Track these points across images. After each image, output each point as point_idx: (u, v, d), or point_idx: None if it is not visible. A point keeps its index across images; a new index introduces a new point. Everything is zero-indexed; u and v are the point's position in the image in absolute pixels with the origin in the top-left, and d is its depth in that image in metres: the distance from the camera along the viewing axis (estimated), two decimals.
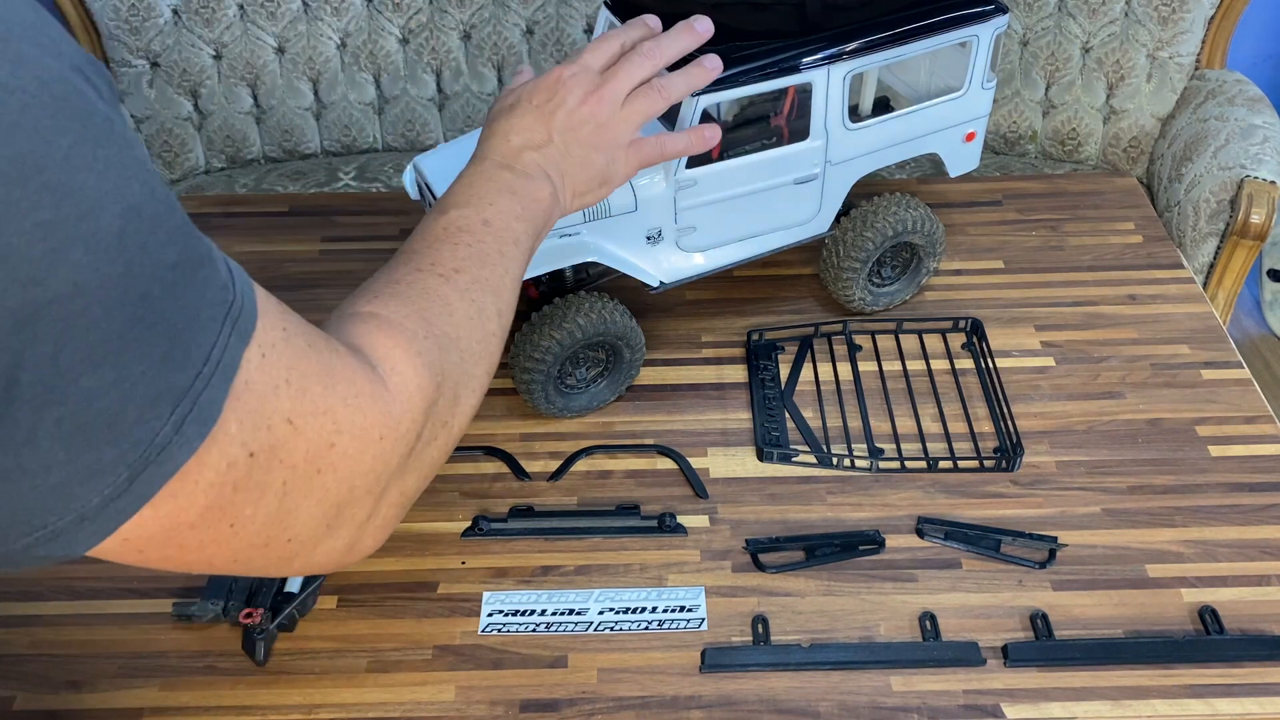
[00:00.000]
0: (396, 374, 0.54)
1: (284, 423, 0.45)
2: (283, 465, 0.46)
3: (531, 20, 1.81)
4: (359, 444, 0.49)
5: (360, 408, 0.49)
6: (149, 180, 0.39)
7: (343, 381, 0.49)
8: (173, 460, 0.40)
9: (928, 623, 0.79)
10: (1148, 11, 1.75)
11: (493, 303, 0.64)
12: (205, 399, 0.41)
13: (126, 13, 1.73)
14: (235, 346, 0.42)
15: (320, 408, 0.47)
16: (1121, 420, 0.95)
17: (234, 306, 0.43)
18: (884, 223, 0.98)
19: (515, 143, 0.73)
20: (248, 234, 1.17)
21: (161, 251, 0.39)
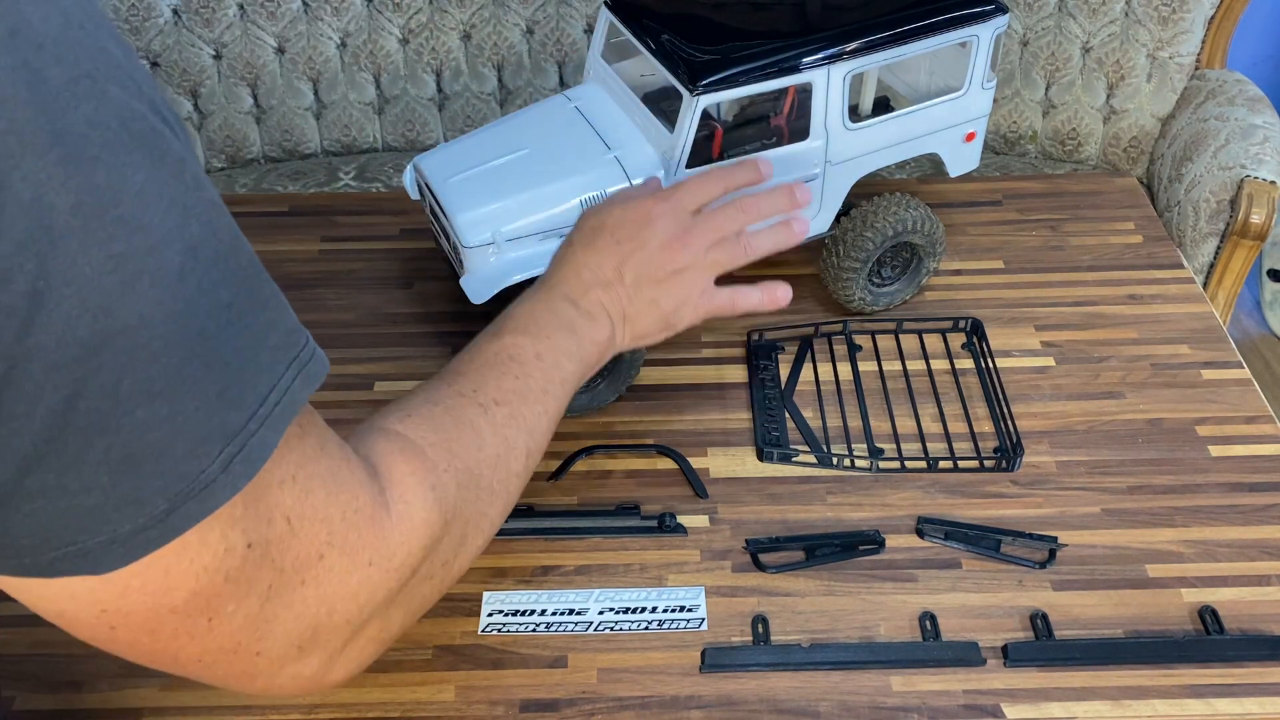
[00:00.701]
0: (404, 503, 0.53)
1: (283, 520, 0.45)
2: (273, 566, 0.45)
3: (531, 20, 1.81)
4: (347, 563, 0.48)
5: (357, 526, 0.49)
6: (214, 221, 0.40)
7: (346, 493, 0.48)
8: (214, 498, 0.40)
9: (928, 623, 0.79)
10: (1148, 11, 1.75)
11: (525, 441, 0.63)
12: (257, 440, 0.41)
13: (126, 13, 1.73)
14: (299, 390, 0.43)
15: (319, 514, 0.46)
16: (1121, 420, 0.95)
17: (303, 351, 0.44)
18: (884, 223, 0.98)
19: (585, 278, 0.73)
20: (248, 234, 1.15)
21: (216, 291, 0.39)
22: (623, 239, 0.74)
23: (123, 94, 0.37)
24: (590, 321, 0.71)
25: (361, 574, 0.49)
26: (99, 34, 0.37)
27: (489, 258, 0.88)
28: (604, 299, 0.73)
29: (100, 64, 0.36)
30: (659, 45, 0.90)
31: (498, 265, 0.88)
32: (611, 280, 0.73)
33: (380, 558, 0.50)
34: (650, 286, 0.74)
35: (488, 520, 0.61)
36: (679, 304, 0.76)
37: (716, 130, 0.90)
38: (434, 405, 0.61)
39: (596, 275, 0.73)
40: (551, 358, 0.68)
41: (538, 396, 0.66)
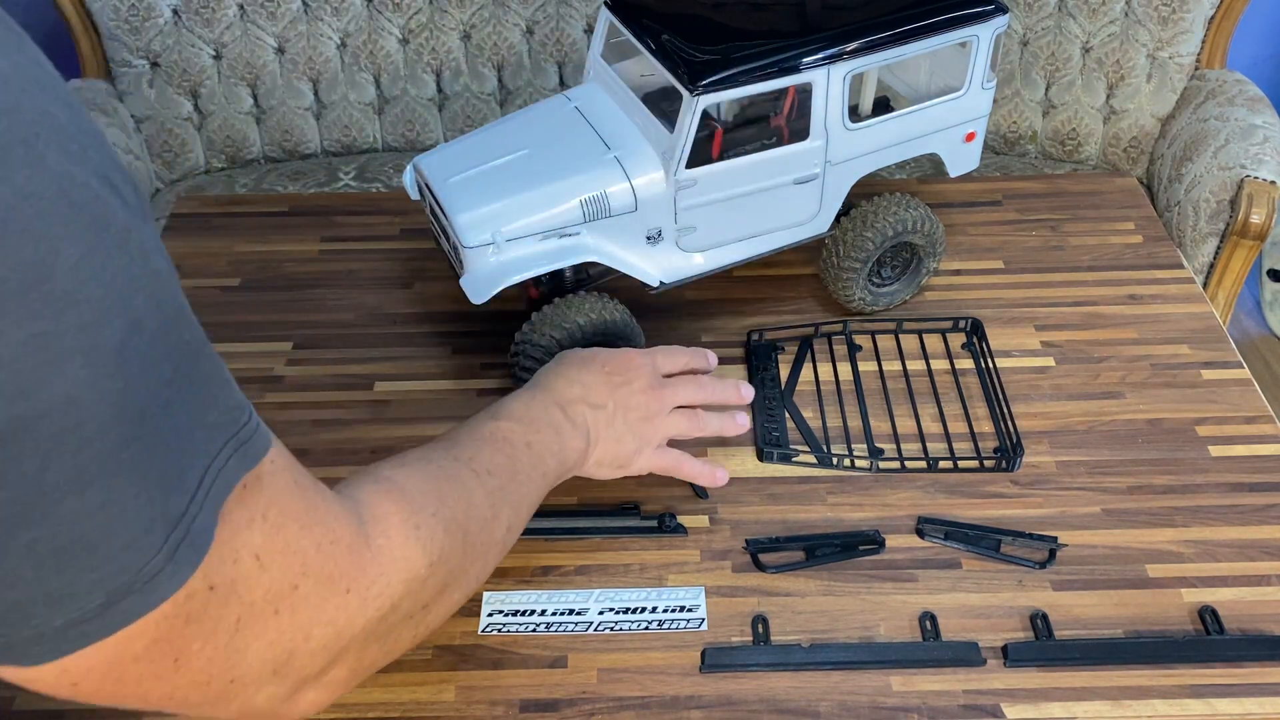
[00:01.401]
0: (385, 537, 0.53)
1: (251, 558, 0.44)
2: (240, 601, 0.44)
3: (531, 20, 1.81)
4: (324, 591, 0.48)
5: (334, 556, 0.48)
6: (159, 293, 0.38)
7: (320, 525, 0.48)
8: (159, 590, 0.39)
9: (928, 623, 0.79)
10: (1148, 11, 1.75)
11: (508, 515, 0.65)
12: (200, 524, 0.39)
13: (126, 13, 1.73)
14: (233, 470, 0.41)
15: (292, 548, 0.46)
16: (1121, 420, 0.95)
17: (244, 429, 0.42)
18: (884, 223, 0.98)
19: (577, 392, 0.76)
20: (248, 234, 1.17)
21: (158, 367, 0.38)
22: (612, 372, 0.79)
23: (63, 160, 0.35)
24: (573, 430, 0.74)
25: (339, 601, 0.49)
26: (41, 96, 0.35)
27: (489, 258, 0.88)
28: (589, 416, 0.76)
29: (40, 129, 0.35)
30: (659, 45, 0.90)
31: (498, 265, 0.88)
32: (597, 404, 0.77)
33: (359, 586, 0.50)
34: (625, 422, 0.78)
35: (468, 577, 0.61)
36: (640, 447, 0.79)
37: (716, 130, 0.90)
38: (427, 463, 0.62)
39: (588, 393, 0.77)
40: (538, 450, 0.70)
41: (524, 479, 0.68)
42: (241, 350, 1.03)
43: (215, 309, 1.08)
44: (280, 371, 1.01)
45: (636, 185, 0.89)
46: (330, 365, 1.02)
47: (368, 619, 0.51)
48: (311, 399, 0.98)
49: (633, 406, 0.78)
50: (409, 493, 0.57)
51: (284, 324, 1.06)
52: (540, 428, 0.72)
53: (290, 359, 1.02)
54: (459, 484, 0.62)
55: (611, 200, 0.89)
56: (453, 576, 0.58)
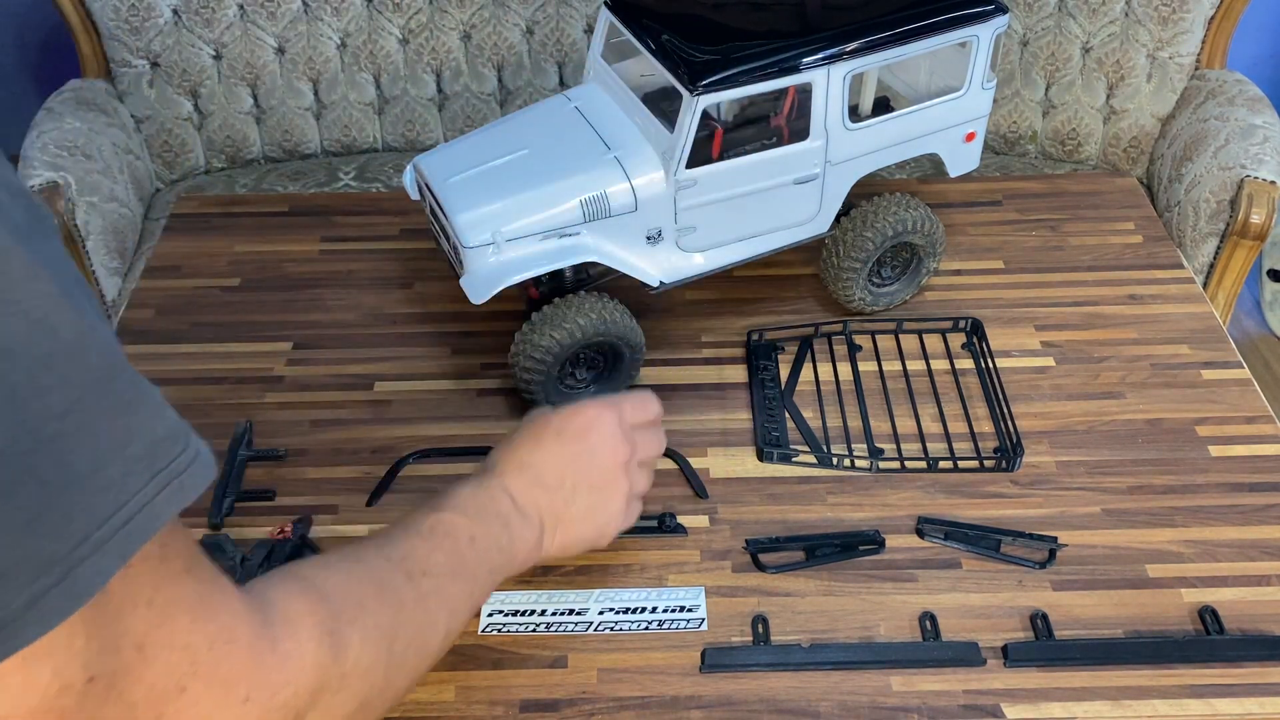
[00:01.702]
0: (293, 640, 0.48)
1: (133, 648, 0.39)
2: (121, 700, 0.39)
3: (531, 20, 1.81)
4: (217, 696, 0.43)
5: (229, 656, 0.43)
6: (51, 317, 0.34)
7: (215, 622, 0.43)
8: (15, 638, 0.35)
9: (928, 623, 0.79)
10: (1148, 11, 1.75)
11: (445, 620, 0.60)
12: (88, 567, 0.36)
13: (126, 13, 1.73)
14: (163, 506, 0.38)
15: (179, 642, 0.41)
16: (1121, 420, 0.95)
17: (176, 461, 0.38)
18: (884, 223, 0.98)
19: (528, 477, 0.70)
20: (248, 234, 1.17)
21: (43, 399, 0.34)
22: (568, 440, 0.72)
23: None
24: (524, 521, 0.68)
25: (236, 710, 0.44)
26: None
27: (489, 258, 0.88)
28: (540, 501, 0.70)
29: None
30: (659, 45, 0.90)
31: (498, 265, 0.88)
32: (552, 486, 0.70)
33: (260, 694, 0.45)
34: (587, 493, 0.72)
35: (392, 689, 0.55)
36: (611, 516, 0.74)
37: (716, 130, 0.90)
38: (356, 563, 0.57)
39: (539, 476, 0.70)
40: (483, 545, 0.65)
41: (465, 579, 0.63)
42: (241, 350, 1.03)
43: (215, 309, 1.08)
44: (280, 371, 1.01)
45: (636, 185, 0.89)
46: (330, 365, 1.02)
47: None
48: (311, 399, 0.98)
49: (595, 473, 0.72)
50: (328, 596, 0.52)
51: (284, 324, 1.06)
52: (486, 519, 0.66)
53: (290, 359, 1.02)
54: (387, 588, 0.56)
55: (611, 200, 0.89)
56: (373, 690, 0.53)
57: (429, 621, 0.58)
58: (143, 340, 1.04)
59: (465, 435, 0.95)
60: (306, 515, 0.87)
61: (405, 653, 0.56)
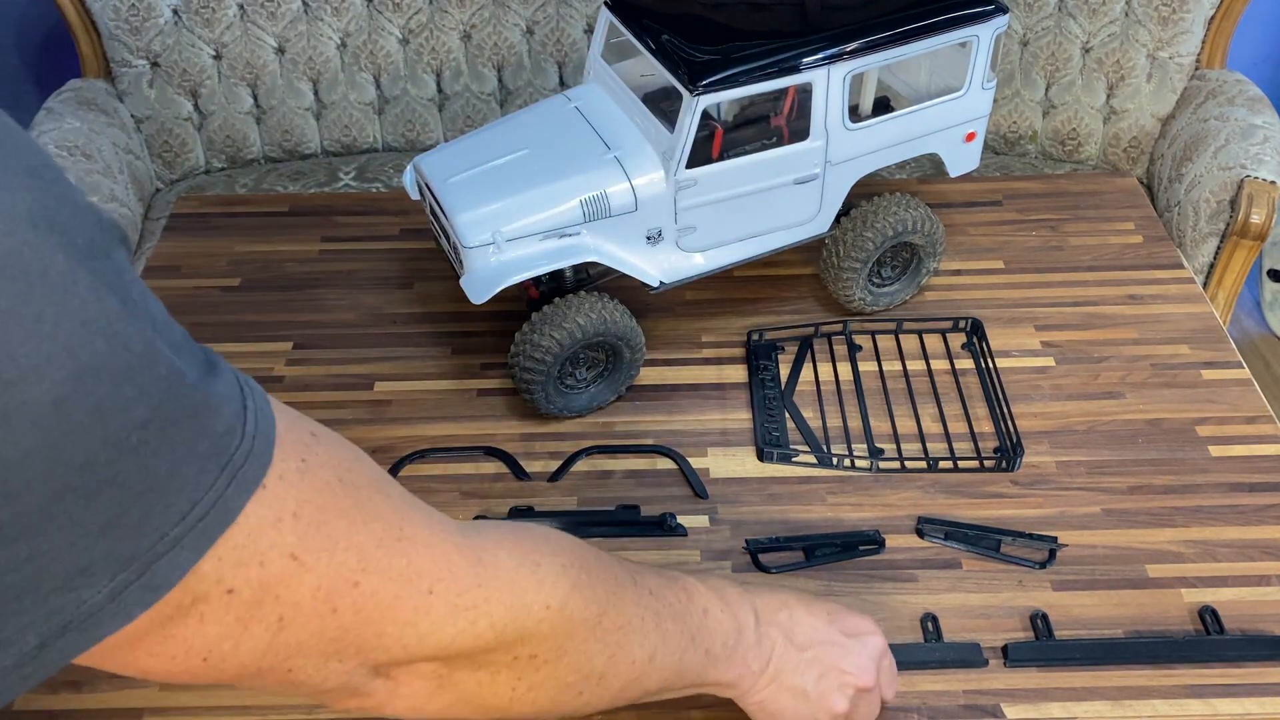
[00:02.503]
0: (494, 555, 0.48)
1: (285, 559, 0.41)
2: (279, 602, 0.41)
3: (531, 20, 1.81)
4: (395, 588, 0.44)
5: (403, 552, 0.44)
6: (123, 332, 0.36)
7: (379, 521, 0.44)
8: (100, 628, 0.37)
9: (929, 624, 0.79)
10: (1148, 11, 1.75)
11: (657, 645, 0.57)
12: (165, 563, 0.38)
13: (126, 13, 1.73)
14: (232, 499, 0.39)
15: (341, 544, 0.43)
16: (1121, 420, 0.95)
17: (237, 453, 0.39)
18: (884, 223, 0.98)
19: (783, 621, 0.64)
20: (248, 234, 1.17)
21: (127, 411, 0.36)
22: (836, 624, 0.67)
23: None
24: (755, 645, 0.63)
25: (418, 601, 0.45)
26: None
27: (489, 258, 0.88)
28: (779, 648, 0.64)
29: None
30: (659, 45, 0.90)
31: (498, 265, 0.88)
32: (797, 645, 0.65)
33: (445, 589, 0.46)
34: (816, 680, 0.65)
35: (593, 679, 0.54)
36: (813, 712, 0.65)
37: (716, 130, 0.90)
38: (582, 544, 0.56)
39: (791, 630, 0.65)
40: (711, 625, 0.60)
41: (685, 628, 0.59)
42: (241, 350, 1.03)
43: (215, 309, 1.08)
44: (280, 371, 1.01)
45: (636, 185, 0.89)
46: (330, 365, 1.02)
47: (458, 630, 0.47)
48: (311, 399, 0.98)
49: (833, 674, 0.65)
50: (539, 539, 0.52)
51: (284, 324, 1.06)
52: (728, 610, 0.61)
53: (290, 359, 1.02)
54: (610, 572, 0.55)
55: (611, 200, 0.89)
56: (575, 648, 0.52)
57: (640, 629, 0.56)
58: None
59: (465, 435, 0.95)
60: None
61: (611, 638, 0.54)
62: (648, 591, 0.57)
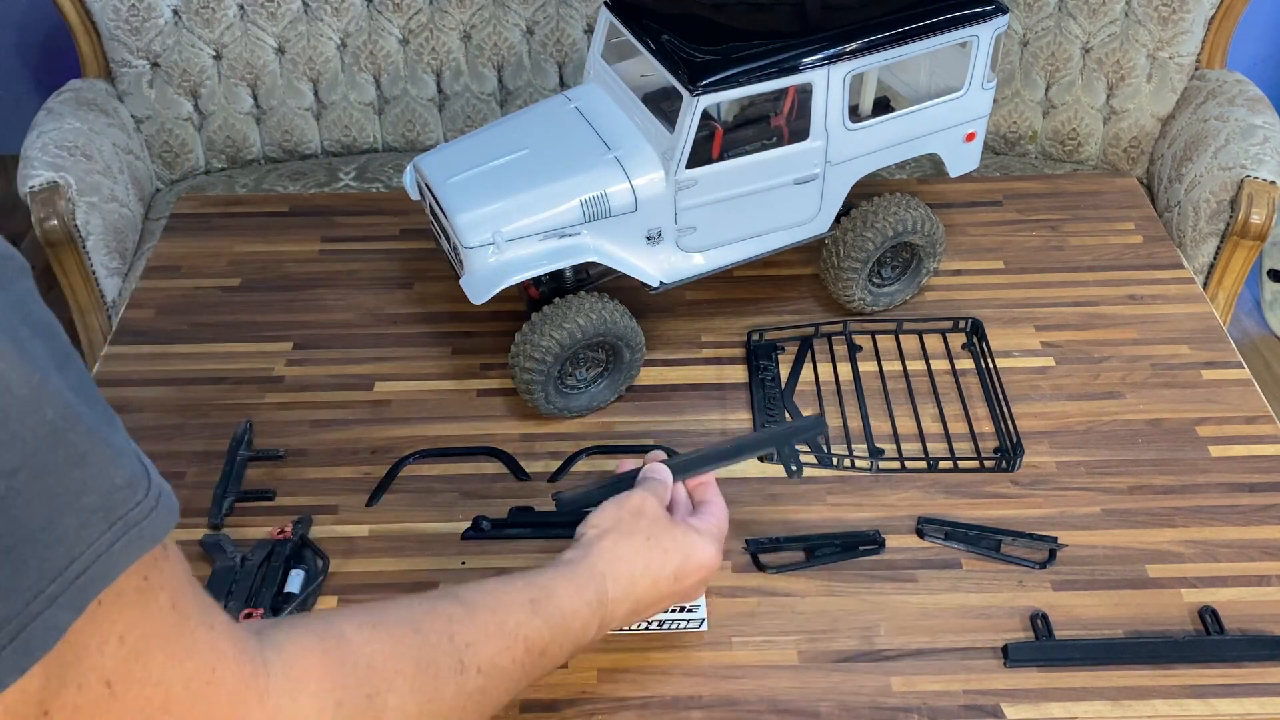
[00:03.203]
0: (289, 697, 0.46)
1: (101, 684, 0.39)
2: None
3: (531, 20, 1.81)
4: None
5: (206, 698, 0.42)
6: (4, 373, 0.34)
7: (194, 660, 0.42)
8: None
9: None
10: (1148, 11, 1.75)
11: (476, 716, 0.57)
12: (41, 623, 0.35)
13: (126, 13, 1.72)
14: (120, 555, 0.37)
15: (152, 679, 0.40)
16: (1121, 420, 0.95)
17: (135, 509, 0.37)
18: (884, 223, 0.98)
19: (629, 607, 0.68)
20: (248, 234, 1.17)
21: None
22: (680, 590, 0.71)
23: None
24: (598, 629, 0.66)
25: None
26: None
27: (489, 258, 0.88)
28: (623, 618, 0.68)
29: None
30: (659, 45, 0.90)
31: (498, 265, 0.88)
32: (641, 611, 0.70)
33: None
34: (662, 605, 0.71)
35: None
36: None
37: (716, 130, 0.90)
38: (413, 633, 0.54)
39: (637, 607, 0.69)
40: (551, 656, 0.63)
41: (513, 687, 0.60)
42: (241, 350, 1.03)
43: (215, 309, 1.08)
44: (280, 371, 1.01)
45: (636, 185, 0.89)
46: (330, 365, 1.02)
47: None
48: (311, 399, 0.98)
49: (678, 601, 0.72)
50: (353, 662, 0.50)
51: (284, 324, 1.06)
52: (571, 634, 0.64)
53: (290, 359, 1.02)
54: (433, 673, 0.54)
55: (611, 200, 0.89)
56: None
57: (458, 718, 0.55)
58: (143, 340, 1.04)
59: (465, 435, 0.95)
60: (306, 515, 0.87)
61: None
62: (475, 672, 0.56)
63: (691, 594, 0.72)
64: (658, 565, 0.69)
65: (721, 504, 0.76)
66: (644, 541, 0.69)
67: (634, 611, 0.69)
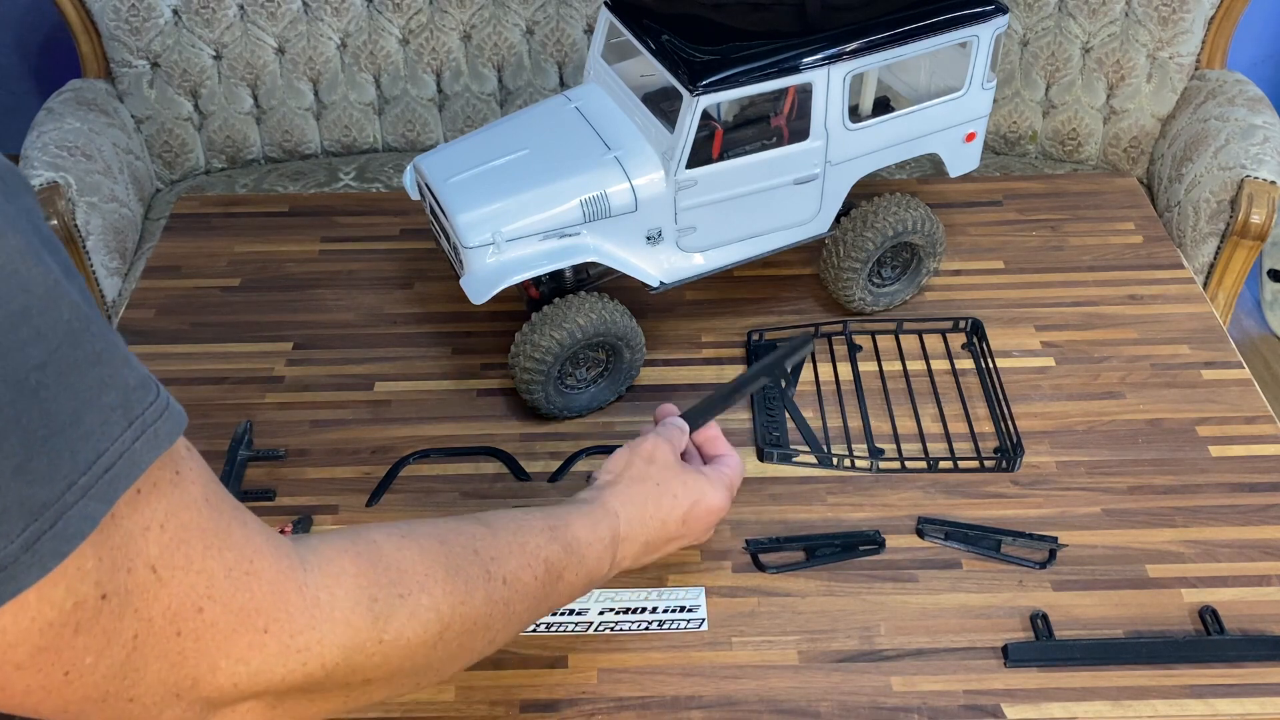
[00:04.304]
0: (328, 592, 0.49)
1: (147, 569, 0.41)
2: (137, 616, 0.41)
3: (531, 20, 1.81)
4: (234, 623, 0.44)
5: (248, 588, 0.44)
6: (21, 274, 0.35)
7: (232, 551, 0.44)
8: (16, 581, 0.36)
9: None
10: (1148, 11, 1.75)
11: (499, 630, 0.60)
12: (76, 512, 0.37)
13: (127, 13, 1.73)
14: (142, 452, 0.39)
15: (195, 566, 0.42)
16: (1122, 420, 0.95)
17: (149, 409, 0.39)
18: (884, 223, 0.98)
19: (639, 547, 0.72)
20: (248, 234, 1.17)
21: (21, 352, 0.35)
22: (689, 533, 0.75)
23: None
24: (611, 568, 0.70)
25: (252, 638, 0.45)
26: None
27: (489, 258, 0.88)
28: (634, 559, 0.72)
29: None
30: (659, 45, 0.90)
31: (498, 265, 0.88)
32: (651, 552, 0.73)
33: (279, 630, 0.46)
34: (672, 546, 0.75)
35: (430, 674, 0.56)
36: None
37: (716, 130, 0.90)
38: (440, 543, 0.57)
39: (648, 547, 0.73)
40: (568, 584, 0.66)
41: (535, 606, 0.63)
42: (241, 350, 1.03)
43: (215, 309, 1.08)
44: (280, 371, 1.01)
45: (636, 185, 0.89)
46: (330, 365, 1.02)
47: (288, 670, 0.47)
48: (311, 399, 0.98)
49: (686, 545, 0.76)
50: (385, 564, 0.52)
51: (284, 324, 1.06)
52: (586, 565, 0.67)
53: (290, 359, 1.02)
54: (462, 579, 0.56)
55: (611, 200, 0.89)
56: (410, 667, 0.53)
57: (485, 625, 0.58)
58: (143, 340, 1.04)
59: (465, 435, 0.95)
60: (307, 515, 0.87)
61: (453, 643, 0.56)
62: (501, 582, 0.59)
63: (700, 537, 0.76)
64: (667, 508, 0.73)
65: (735, 456, 0.80)
66: (654, 486, 0.73)
67: (644, 551, 0.73)
